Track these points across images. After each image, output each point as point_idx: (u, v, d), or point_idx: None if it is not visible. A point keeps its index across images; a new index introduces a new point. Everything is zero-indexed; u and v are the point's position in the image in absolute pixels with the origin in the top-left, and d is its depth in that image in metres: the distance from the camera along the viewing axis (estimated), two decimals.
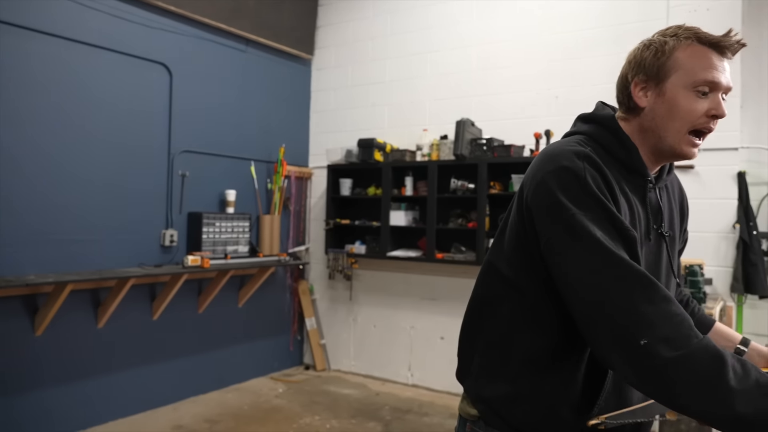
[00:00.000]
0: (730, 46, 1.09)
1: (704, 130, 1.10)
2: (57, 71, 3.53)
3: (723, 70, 1.09)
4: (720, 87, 1.08)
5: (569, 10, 4.18)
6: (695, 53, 1.09)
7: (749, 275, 3.36)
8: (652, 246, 1.16)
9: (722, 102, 1.09)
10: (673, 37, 1.11)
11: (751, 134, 3.57)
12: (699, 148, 1.13)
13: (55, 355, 3.53)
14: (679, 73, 1.09)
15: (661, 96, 1.11)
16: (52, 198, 3.51)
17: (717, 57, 1.09)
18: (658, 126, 1.11)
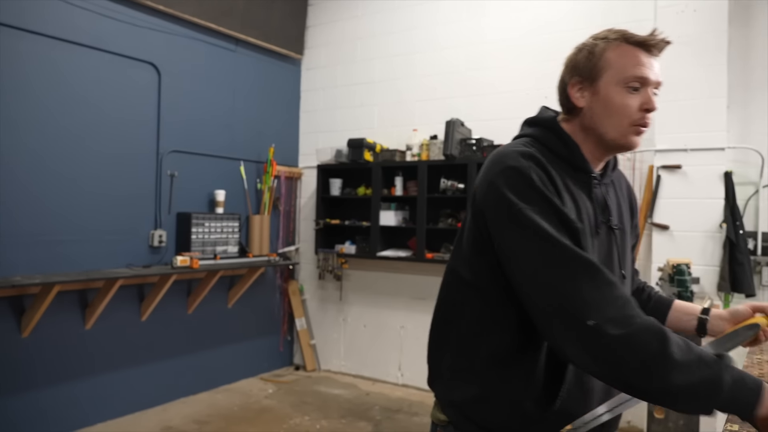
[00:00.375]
0: (656, 44, 1.16)
1: (642, 123, 1.16)
2: (44, 71, 3.50)
3: (651, 66, 1.16)
4: (649, 82, 1.15)
5: (558, 11, 4.20)
6: (624, 52, 1.16)
7: (736, 274, 3.39)
8: (603, 239, 1.20)
9: (653, 97, 1.16)
10: (603, 39, 1.19)
11: (737, 134, 3.60)
12: (640, 136, 1.19)
13: (42, 356, 3.50)
14: (610, 72, 1.16)
15: (596, 95, 1.18)
16: (39, 198, 3.48)
17: (644, 55, 1.16)
18: (597, 123, 1.18)
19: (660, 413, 2.97)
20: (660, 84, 1.18)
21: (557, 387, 1.16)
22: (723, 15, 3.47)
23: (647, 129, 1.18)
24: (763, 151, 3.51)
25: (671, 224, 3.57)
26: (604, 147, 1.20)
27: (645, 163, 3.80)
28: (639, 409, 3.71)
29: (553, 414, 1.17)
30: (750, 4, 3.61)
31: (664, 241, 3.59)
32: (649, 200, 3.68)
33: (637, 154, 3.83)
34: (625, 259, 1.26)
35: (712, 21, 3.49)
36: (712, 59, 3.48)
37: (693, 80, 3.52)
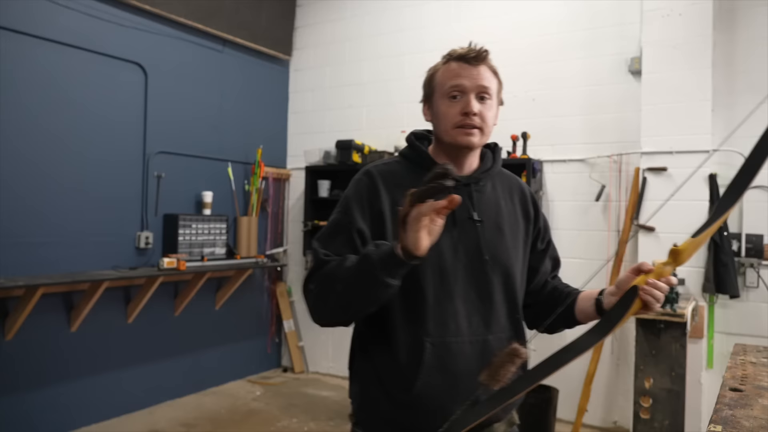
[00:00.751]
0: (475, 56, 1.34)
1: (464, 125, 1.32)
2: (28, 70, 3.46)
3: (469, 75, 1.33)
4: (466, 89, 1.32)
5: (545, 14, 4.22)
6: (447, 69, 1.36)
7: (720, 275, 3.43)
8: (465, 229, 1.34)
9: (474, 101, 1.32)
10: (438, 62, 1.40)
11: (722, 137, 3.64)
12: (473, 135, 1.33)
13: (26, 359, 3.46)
14: (438, 88, 1.37)
15: (433, 109, 1.39)
16: (23, 199, 3.44)
17: (464, 66, 1.34)
18: (437, 131, 1.39)
19: (645, 414, 3.00)
20: (483, 88, 1.33)
21: (417, 370, 1.27)
22: (708, 19, 3.51)
23: (478, 129, 1.33)
24: (746, 154, 3.54)
25: (657, 226, 3.61)
26: (450, 149, 1.37)
27: (631, 165, 3.83)
28: (625, 409, 3.75)
29: (417, 398, 1.26)
30: (734, 9, 3.66)
31: (650, 243, 3.62)
32: (635, 202, 3.71)
33: (624, 156, 3.87)
34: (494, 248, 1.35)
35: (697, 25, 3.53)
36: (697, 62, 3.52)
37: (678, 83, 3.56)
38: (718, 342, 3.62)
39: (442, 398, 1.26)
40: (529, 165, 3.92)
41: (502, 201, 1.42)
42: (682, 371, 2.93)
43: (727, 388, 1.49)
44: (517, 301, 1.41)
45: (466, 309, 1.31)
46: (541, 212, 1.51)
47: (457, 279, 1.31)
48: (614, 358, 3.90)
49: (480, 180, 1.40)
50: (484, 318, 1.33)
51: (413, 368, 1.27)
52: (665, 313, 2.92)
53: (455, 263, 1.31)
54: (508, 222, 1.40)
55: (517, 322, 1.40)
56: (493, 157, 1.47)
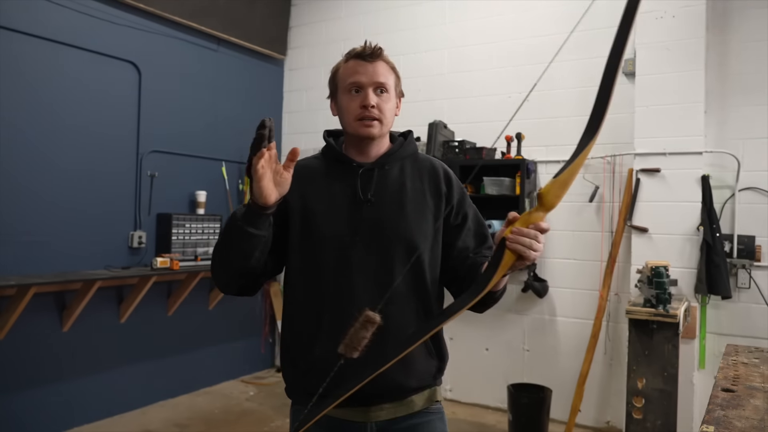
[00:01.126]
0: (370, 53, 1.46)
1: (364, 117, 1.44)
2: (20, 69, 3.44)
3: (366, 72, 1.45)
4: (363, 84, 1.44)
5: (540, 15, 4.23)
6: (347, 67, 1.48)
7: (712, 276, 3.44)
8: (359, 209, 1.44)
9: (371, 94, 1.44)
10: (341, 61, 1.52)
11: (714, 139, 3.67)
12: (372, 127, 1.44)
13: (17, 360, 3.44)
14: (340, 84, 1.49)
15: (337, 104, 1.51)
16: (15, 198, 3.41)
17: (361, 64, 1.46)
18: (342, 125, 1.50)
19: (638, 414, 3.01)
20: (379, 83, 1.45)
21: (315, 338, 1.40)
22: (701, 21, 3.53)
23: (376, 120, 1.44)
24: (738, 156, 3.58)
25: (650, 227, 3.62)
26: (355, 140, 1.49)
27: (625, 166, 3.85)
28: (618, 409, 3.76)
29: (315, 364, 1.38)
30: (727, 11, 3.68)
31: (643, 244, 3.64)
32: (628, 203, 3.73)
33: (617, 157, 3.88)
34: (394, 224, 1.44)
35: (690, 27, 3.55)
36: (690, 64, 3.54)
37: (671, 85, 3.58)
38: (710, 342, 3.64)
39: (336, 364, 1.31)
40: (524, 165, 3.93)
41: (408, 181, 1.49)
42: (674, 371, 2.95)
43: (720, 389, 1.50)
44: (423, 274, 1.45)
45: (365, 282, 1.41)
46: (457, 190, 1.53)
47: (356, 253, 1.41)
48: (607, 358, 3.91)
49: (385, 164, 1.49)
50: (384, 290, 1.39)
51: (312, 337, 1.41)
52: (658, 314, 2.93)
53: (353, 239, 1.42)
54: (413, 200, 1.47)
55: (421, 292, 1.45)
56: (404, 142, 1.56)
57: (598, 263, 3.94)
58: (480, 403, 4.34)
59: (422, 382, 1.45)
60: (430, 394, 1.49)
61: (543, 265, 4.15)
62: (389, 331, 1.32)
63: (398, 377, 1.39)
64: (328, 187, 1.47)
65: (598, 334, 3.82)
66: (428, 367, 1.46)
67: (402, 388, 1.42)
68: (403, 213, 1.45)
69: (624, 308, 3.45)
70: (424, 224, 1.47)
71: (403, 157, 1.54)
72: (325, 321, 1.39)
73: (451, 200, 1.52)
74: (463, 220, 1.53)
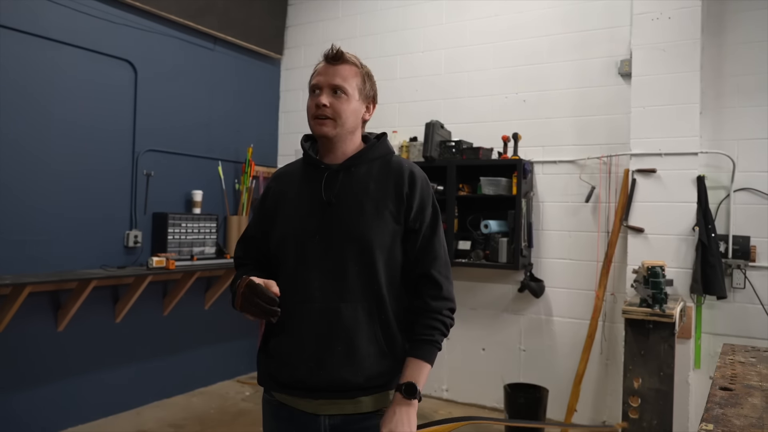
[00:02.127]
0: (332, 56, 1.53)
1: (317, 116, 1.51)
2: (16, 67, 3.42)
3: (325, 73, 1.52)
4: (321, 85, 1.52)
5: (537, 16, 4.24)
6: (315, 69, 1.56)
7: (708, 276, 3.46)
8: (320, 210, 1.51)
9: (324, 95, 1.50)
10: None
11: (709, 140, 3.68)
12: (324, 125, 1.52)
13: (12, 359, 3.41)
14: (309, 84, 1.57)
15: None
16: (10, 196, 3.39)
17: (325, 66, 1.54)
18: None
19: (634, 413, 3.02)
20: (334, 86, 1.51)
21: (274, 329, 1.52)
22: (697, 23, 3.54)
23: (328, 119, 1.50)
24: (734, 157, 3.60)
25: (646, 227, 3.64)
26: (321, 140, 1.56)
27: (621, 166, 3.86)
28: (614, 409, 3.77)
29: (272, 352, 1.52)
30: (723, 13, 3.70)
31: (639, 244, 3.65)
32: (624, 203, 3.74)
33: (613, 158, 3.90)
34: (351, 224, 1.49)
35: (686, 28, 3.56)
36: (686, 65, 3.55)
37: (667, 86, 3.59)
38: (706, 342, 3.65)
39: (289, 354, 1.48)
40: (520, 166, 3.94)
41: (372, 183, 1.53)
42: (670, 371, 2.96)
43: (717, 387, 1.51)
44: (376, 274, 1.48)
45: (320, 279, 1.47)
46: (420, 193, 1.55)
47: (315, 252, 1.49)
48: (603, 358, 3.92)
49: (352, 166, 1.54)
50: (337, 288, 1.46)
51: (272, 327, 1.53)
52: (654, 314, 2.94)
53: (313, 238, 1.49)
54: (374, 201, 1.51)
55: (375, 292, 1.48)
56: (375, 144, 1.59)
57: (594, 263, 3.95)
58: (476, 403, 4.34)
59: (372, 382, 1.46)
60: (381, 397, 1.49)
61: (539, 265, 4.16)
62: (340, 327, 1.44)
63: (344, 371, 1.43)
64: (300, 190, 1.56)
65: (594, 334, 3.84)
66: (380, 366, 1.46)
67: (348, 383, 1.44)
68: (362, 214, 1.49)
69: (620, 308, 3.46)
70: (382, 225, 1.49)
71: (372, 159, 1.57)
72: (282, 314, 1.45)
73: (411, 202, 1.52)
74: (420, 228, 1.54)
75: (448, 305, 1.52)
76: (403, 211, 1.52)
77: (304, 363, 1.45)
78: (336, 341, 1.44)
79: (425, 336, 1.48)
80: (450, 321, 1.52)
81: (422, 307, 1.51)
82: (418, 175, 1.57)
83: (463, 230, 4.26)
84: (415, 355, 1.47)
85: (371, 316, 1.46)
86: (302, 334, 1.47)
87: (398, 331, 1.50)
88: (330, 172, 1.54)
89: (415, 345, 1.49)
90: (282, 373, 1.50)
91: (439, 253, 1.55)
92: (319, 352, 1.44)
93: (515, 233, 3.95)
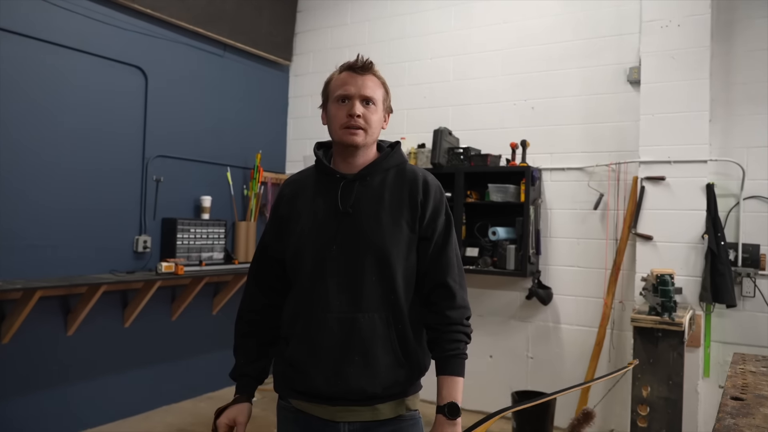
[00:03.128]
0: (360, 66, 1.55)
1: (349, 126, 1.50)
2: (28, 73, 3.46)
3: (355, 83, 1.53)
4: (351, 95, 1.52)
5: (545, 23, 4.25)
6: (338, 78, 1.56)
7: (717, 285, 3.44)
8: (337, 220, 1.52)
9: (358, 105, 1.51)
10: (334, 72, 1.60)
11: (719, 147, 3.67)
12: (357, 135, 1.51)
13: (21, 363, 3.44)
14: (331, 95, 1.56)
15: (327, 112, 1.58)
16: (21, 202, 3.42)
17: (351, 76, 1.54)
18: (330, 133, 1.57)
19: (643, 422, 3.00)
20: (366, 96, 1.52)
21: (291, 337, 1.53)
22: (706, 30, 3.54)
23: (361, 129, 1.51)
24: (743, 164, 3.58)
25: (654, 235, 3.62)
26: (340, 148, 1.56)
27: (629, 174, 3.86)
28: (622, 417, 3.75)
29: (289, 360, 1.51)
30: (732, 21, 3.69)
31: (648, 252, 3.64)
32: (633, 211, 3.73)
33: (622, 165, 3.89)
34: (368, 234, 1.50)
35: (695, 36, 3.56)
36: (695, 73, 3.55)
37: (676, 93, 3.59)
38: (715, 351, 3.63)
39: (305, 362, 1.48)
40: (528, 173, 3.94)
41: (387, 193, 1.54)
42: (679, 380, 2.94)
43: (729, 397, 1.50)
44: (393, 283, 1.49)
45: (337, 289, 1.48)
46: (433, 201, 1.56)
47: (332, 262, 1.49)
48: (612, 366, 3.90)
49: (367, 175, 1.55)
50: (354, 297, 1.47)
51: (290, 336, 1.53)
52: (663, 322, 2.93)
53: (331, 248, 1.50)
54: (389, 210, 1.52)
55: (392, 302, 1.49)
56: (390, 153, 1.60)
57: (602, 271, 3.93)
58: (484, 411, 4.32)
59: (388, 391, 1.48)
60: (398, 403, 1.52)
61: (547, 273, 4.15)
62: (357, 337, 1.45)
63: (361, 381, 1.45)
64: (314, 199, 1.56)
65: (602, 342, 3.82)
66: (397, 376, 1.49)
67: (364, 392, 1.45)
68: (379, 223, 1.50)
69: (628, 316, 3.45)
70: (399, 234, 1.51)
71: (387, 168, 1.58)
72: (299, 324, 1.50)
73: (425, 209, 1.54)
74: (432, 235, 1.55)
75: (466, 313, 1.53)
76: (418, 218, 1.53)
77: (321, 372, 1.46)
78: (353, 351, 1.45)
79: (452, 351, 1.50)
80: (470, 329, 1.54)
81: (442, 321, 1.51)
82: (432, 183, 1.59)
83: (470, 237, 4.26)
84: (448, 372, 1.49)
85: (388, 326, 1.47)
86: (320, 344, 1.47)
87: (414, 340, 1.51)
88: (346, 182, 1.54)
89: (444, 362, 1.51)
90: (299, 381, 1.50)
91: (453, 261, 1.56)
92: (337, 362, 1.45)
93: (523, 240, 3.95)
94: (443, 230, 1.56)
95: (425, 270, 1.54)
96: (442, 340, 1.51)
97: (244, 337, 1.66)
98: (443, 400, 1.47)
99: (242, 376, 1.63)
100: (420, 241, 1.54)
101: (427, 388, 1.66)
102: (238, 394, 1.63)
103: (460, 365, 1.51)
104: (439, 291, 1.53)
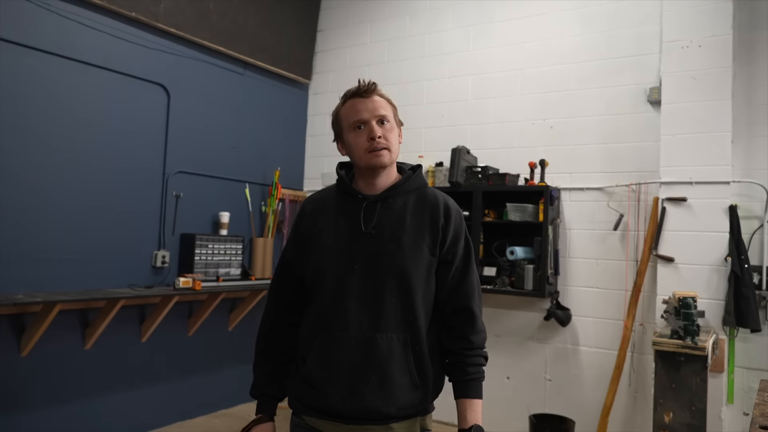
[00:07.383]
0: (365, 90, 1.58)
1: (373, 149, 1.53)
2: (51, 89, 3.53)
3: (365, 108, 1.56)
4: (366, 120, 1.55)
5: (565, 43, 4.25)
6: (346, 107, 1.60)
7: (741, 308, 3.36)
8: (358, 241, 1.53)
9: (376, 127, 1.54)
10: (339, 104, 1.63)
11: (741, 169, 3.62)
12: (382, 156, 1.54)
13: (40, 376, 3.46)
14: (344, 124, 1.59)
15: (344, 142, 1.61)
16: (43, 216, 3.48)
17: (360, 101, 1.57)
18: (354, 160, 1.60)
19: None
20: (380, 116, 1.56)
21: (308, 355, 1.53)
22: (728, 51, 3.51)
23: (385, 149, 1.54)
24: (767, 186, 3.52)
25: (676, 256, 3.56)
26: (367, 171, 1.58)
27: (650, 194, 3.81)
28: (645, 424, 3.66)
29: (305, 377, 1.52)
30: (754, 41, 3.66)
31: (669, 273, 3.57)
32: (653, 232, 3.68)
33: (642, 186, 3.85)
34: (389, 256, 1.52)
35: (716, 56, 3.53)
36: (717, 94, 3.51)
37: (698, 114, 3.55)
38: (739, 377, 3.54)
39: (322, 381, 1.50)
40: (547, 192, 3.91)
41: (408, 215, 1.56)
42: (702, 406, 2.87)
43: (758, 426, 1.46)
44: (413, 305, 1.51)
45: (357, 309, 1.49)
46: (454, 225, 1.59)
47: (352, 282, 1.50)
48: (632, 390, 3.82)
49: (389, 197, 1.57)
50: (373, 318, 1.49)
51: (307, 353, 1.54)
52: (686, 346, 2.87)
53: (352, 268, 1.51)
54: (411, 233, 1.54)
55: (411, 324, 1.51)
56: (411, 176, 1.63)
57: (622, 292, 3.87)
58: None
59: (403, 412, 1.50)
60: (412, 423, 1.53)
61: (566, 294, 4.09)
62: (375, 358, 1.46)
63: (376, 401, 1.46)
64: (336, 219, 1.58)
65: (622, 365, 3.75)
66: (412, 398, 1.50)
67: (379, 412, 1.47)
68: (400, 246, 1.52)
69: (649, 339, 3.38)
70: (420, 257, 1.53)
71: (409, 190, 1.61)
72: (317, 342, 1.52)
73: (446, 234, 1.57)
74: (452, 259, 1.58)
75: (485, 337, 1.58)
76: (438, 243, 1.55)
77: (337, 391, 1.48)
78: (370, 371, 1.46)
79: (474, 375, 1.54)
80: (486, 351, 1.58)
81: (465, 345, 1.54)
82: (453, 208, 1.62)
83: (488, 256, 4.23)
84: (470, 395, 1.53)
85: (406, 348, 1.49)
86: (337, 363, 1.49)
87: (430, 362, 1.53)
88: (368, 203, 1.57)
89: (466, 385, 1.54)
90: (314, 398, 1.51)
91: (475, 285, 1.60)
92: (353, 382, 1.47)
93: (541, 260, 3.91)
94: (464, 254, 1.59)
95: (446, 294, 1.56)
96: (464, 364, 1.53)
97: (264, 355, 1.68)
98: (467, 423, 1.49)
99: (263, 396, 1.65)
100: (440, 265, 1.56)
101: (440, 408, 1.66)
102: (260, 413, 1.63)
103: (480, 388, 1.54)
104: (461, 315, 1.56)
